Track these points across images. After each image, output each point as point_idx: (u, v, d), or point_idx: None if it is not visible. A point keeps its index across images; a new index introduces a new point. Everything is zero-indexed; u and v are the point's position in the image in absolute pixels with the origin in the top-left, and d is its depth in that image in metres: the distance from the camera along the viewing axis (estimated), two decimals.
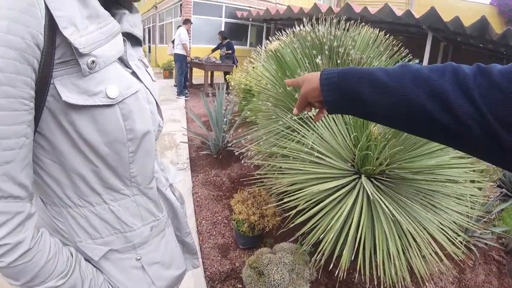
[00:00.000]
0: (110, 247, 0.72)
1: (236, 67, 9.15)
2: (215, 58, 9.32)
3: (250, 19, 12.58)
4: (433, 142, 2.07)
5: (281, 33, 3.02)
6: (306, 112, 2.11)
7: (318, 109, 0.80)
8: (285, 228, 1.95)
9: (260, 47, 4.04)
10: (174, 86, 9.17)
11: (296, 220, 1.83)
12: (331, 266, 1.79)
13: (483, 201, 2.80)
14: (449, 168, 2.04)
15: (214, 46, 9.94)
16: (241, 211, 2.44)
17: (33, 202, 0.60)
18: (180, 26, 8.32)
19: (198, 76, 10.14)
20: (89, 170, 0.64)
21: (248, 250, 2.63)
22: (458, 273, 2.60)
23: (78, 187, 0.65)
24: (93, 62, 0.57)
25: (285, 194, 1.97)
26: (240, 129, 3.78)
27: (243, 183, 3.13)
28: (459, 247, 1.87)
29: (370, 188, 1.84)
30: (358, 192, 1.90)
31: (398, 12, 7.17)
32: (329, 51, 2.40)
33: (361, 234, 1.73)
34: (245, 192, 2.62)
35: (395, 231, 1.78)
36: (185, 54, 8.17)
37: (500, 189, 3.69)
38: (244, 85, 4.54)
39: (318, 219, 1.84)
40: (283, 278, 1.90)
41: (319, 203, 1.85)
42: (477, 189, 2.22)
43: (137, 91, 0.66)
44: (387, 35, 2.83)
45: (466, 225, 2.01)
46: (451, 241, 1.84)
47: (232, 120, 4.25)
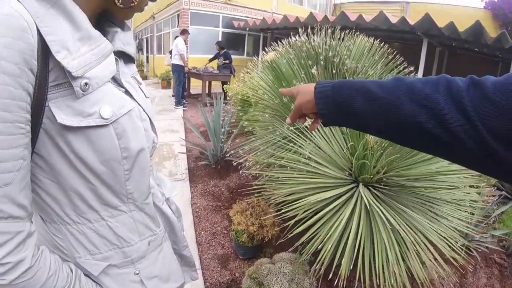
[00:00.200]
0: (109, 262, 0.72)
1: (234, 77, 9.20)
2: (213, 68, 9.37)
3: (247, 29, 12.66)
4: None
5: (277, 43, 3.05)
6: (303, 123, 2.14)
7: (313, 119, 0.81)
8: (284, 238, 1.95)
9: (257, 57, 4.07)
10: (172, 96, 9.20)
11: (295, 230, 1.83)
12: (331, 275, 1.79)
13: (482, 206, 2.81)
14: (447, 174, 2.05)
15: (212, 56, 10.01)
16: (240, 222, 2.44)
17: (33, 221, 0.61)
18: (178, 37, 8.38)
19: (196, 86, 10.18)
20: (86, 188, 0.66)
21: (248, 261, 2.62)
22: (460, 278, 2.60)
23: (76, 205, 0.66)
24: (86, 84, 0.59)
25: (284, 204, 1.98)
26: (238, 139, 3.79)
27: (242, 193, 3.13)
28: (460, 253, 1.87)
29: (368, 197, 1.85)
30: (356, 201, 1.90)
31: (393, 20, 7.23)
32: (325, 61, 2.43)
33: (360, 242, 1.74)
34: (244, 203, 2.63)
35: (394, 239, 1.79)
36: (183, 65, 8.21)
37: (500, 192, 3.70)
38: (241, 96, 4.56)
39: (317, 229, 1.84)
40: None
41: (318, 213, 1.86)
42: (476, 194, 2.22)
43: (130, 110, 0.68)
44: (382, 43, 2.85)
45: (466, 231, 2.01)
46: (451, 247, 1.84)
47: (230, 131, 4.26)
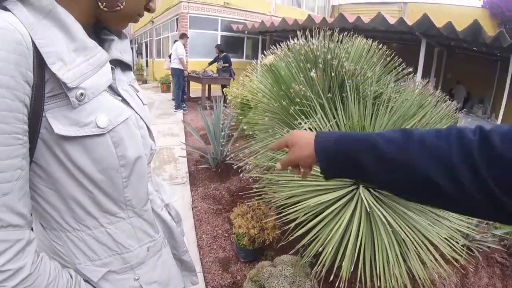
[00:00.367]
0: (109, 268, 0.73)
1: (233, 80, 9.22)
2: (212, 72, 9.39)
3: (246, 32, 12.72)
4: None
5: (276, 46, 3.06)
6: (302, 125, 2.15)
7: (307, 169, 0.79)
8: (285, 241, 1.95)
9: (256, 60, 4.08)
10: (172, 100, 9.22)
11: (296, 233, 1.84)
12: (332, 277, 1.79)
13: None
14: None
15: (211, 60, 10.04)
16: (241, 225, 2.45)
17: (33, 227, 0.62)
18: (177, 41, 8.40)
19: (196, 89, 10.20)
20: (85, 196, 0.66)
21: (249, 263, 2.62)
22: (461, 278, 2.60)
23: (75, 212, 0.67)
24: (82, 95, 0.60)
25: (284, 207, 1.99)
26: (238, 143, 3.80)
27: (242, 197, 3.14)
28: (461, 254, 1.87)
29: (368, 198, 1.86)
30: (357, 203, 1.91)
31: (391, 20, 7.25)
32: (323, 64, 2.43)
33: (361, 244, 1.74)
34: (245, 206, 2.63)
35: (394, 240, 1.79)
36: (182, 68, 8.23)
37: None
38: (241, 99, 4.57)
39: (318, 231, 1.85)
40: None
41: (318, 215, 1.87)
42: None
43: (127, 118, 0.69)
44: (381, 44, 2.85)
45: (467, 231, 2.02)
46: (452, 248, 1.84)
47: (230, 134, 4.27)
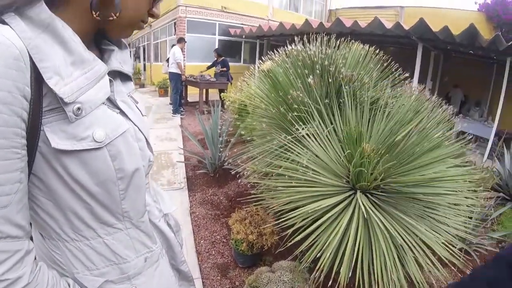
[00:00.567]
0: (106, 278, 0.73)
1: (231, 84, 9.25)
2: (210, 76, 9.41)
3: (243, 36, 12.74)
4: (427, 155, 2.11)
5: (274, 51, 3.07)
6: (300, 131, 2.16)
7: None
8: (284, 247, 1.95)
9: (254, 65, 4.09)
10: (170, 104, 9.23)
11: (294, 238, 1.84)
12: (331, 282, 1.79)
13: (481, 210, 2.83)
14: (445, 180, 2.07)
15: (209, 64, 10.07)
16: (239, 231, 2.45)
17: (33, 236, 0.63)
18: (175, 45, 8.42)
19: (193, 94, 10.22)
20: (83, 208, 0.67)
21: (248, 269, 2.62)
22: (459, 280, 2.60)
23: (73, 223, 0.68)
24: (79, 109, 0.60)
25: (282, 213, 1.99)
26: (236, 148, 3.80)
27: (241, 202, 3.14)
28: (458, 258, 1.88)
29: (366, 203, 1.86)
30: (354, 208, 1.91)
31: (388, 25, 7.27)
32: (321, 70, 2.44)
33: (359, 249, 1.75)
34: (243, 211, 2.64)
35: (392, 245, 1.80)
36: (180, 73, 8.25)
37: (497, 193, 3.72)
38: (239, 104, 4.59)
39: (316, 237, 1.85)
40: None
41: (316, 221, 1.87)
42: (475, 198, 2.24)
43: (125, 131, 0.69)
44: (378, 49, 2.87)
45: (465, 236, 2.02)
46: (450, 252, 1.85)
47: (228, 140, 4.28)
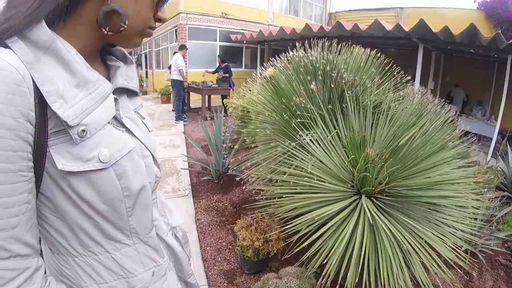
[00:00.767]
0: None
1: (233, 90, 9.29)
2: (212, 82, 9.46)
3: (244, 42, 12.80)
4: (431, 158, 2.11)
5: (275, 57, 3.08)
6: (304, 137, 2.16)
7: None
8: (290, 254, 1.96)
9: (255, 70, 4.10)
10: (172, 111, 9.27)
11: (300, 245, 1.85)
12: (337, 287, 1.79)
13: (486, 211, 2.82)
14: (449, 183, 2.07)
15: (214, 69, 10.20)
16: (245, 237, 2.45)
17: (42, 249, 0.64)
18: (176, 52, 8.48)
19: (196, 100, 10.25)
20: (90, 225, 0.68)
21: (254, 275, 2.63)
22: (466, 282, 2.60)
23: (81, 239, 0.69)
24: (84, 131, 0.61)
25: (288, 219, 1.99)
26: (240, 154, 3.81)
27: (246, 208, 3.14)
28: (464, 259, 1.88)
29: (371, 208, 1.87)
30: (360, 213, 1.91)
31: (388, 27, 7.28)
32: (323, 76, 2.46)
33: (365, 254, 1.75)
34: (248, 218, 2.64)
35: (398, 248, 1.80)
36: (182, 80, 8.29)
37: (502, 193, 3.70)
38: (242, 111, 4.60)
39: (322, 242, 1.85)
40: None
41: (322, 226, 1.87)
42: (479, 200, 2.24)
43: (131, 150, 0.70)
44: (378, 52, 2.87)
45: (470, 237, 2.02)
46: (456, 254, 1.85)
47: (232, 146, 4.29)
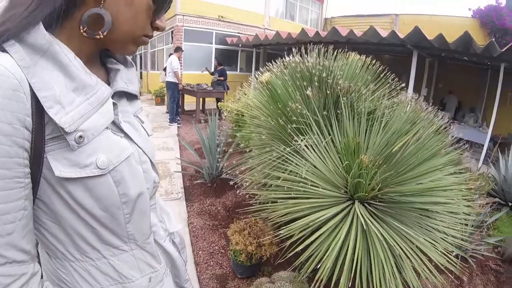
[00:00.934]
0: None
1: (226, 94, 9.32)
2: (206, 85, 9.47)
3: (240, 45, 12.84)
4: (424, 165, 2.14)
5: (271, 61, 3.09)
6: (299, 143, 2.18)
7: None
8: (283, 258, 1.96)
9: (250, 74, 4.11)
10: (166, 113, 9.26)
11: (294, 249, 1.85)
12: None
13: (476, 217, 2.86)
14: (441, 190, 2.10)
15: (212, 71, 10.31)
16: (238, 242, 2.45)
17: (39, 252, 0.64)
18: (172, 54, 8.47)
19: (190, 102, 10.25)
20: (87, 230, 0.67)
21: (247, 279, 2.62)
22: (457, 286, 2.63)
23: (78, 245, 0.68)
24: (81, 137, 0.60)
25: (282, 224, 2.00)
26: (234, 158, 3.81)
27: (239, 212, 3.14)
28: (455, 264, 1.90)
29: (364, 214, 1.88)
30: (353, 218, 1.93)
31: (383, 33, 7.35)
32: (319, 82, 2.47)
33: (357, 259, 1.76)
34: (242, 222, 2.64)
35: (390, 253, 1.82)
36: (177, 82, 8.28)
37: (493, 199, 3.75)
38: (235, 114, 4.60)
39: (315, 247, 1.86)
40: None
41: (316, 231, 1.88)
42: (470, 206, 2.27)
43: (129, 156, 0.69)
44: (373, 59, 2.90)
45: (462, 243, 2.05)
46: (447, 259, 1.87)
47: (226, 150, 4.28)
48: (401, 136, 2.17)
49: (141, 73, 19.44)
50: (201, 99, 9.58)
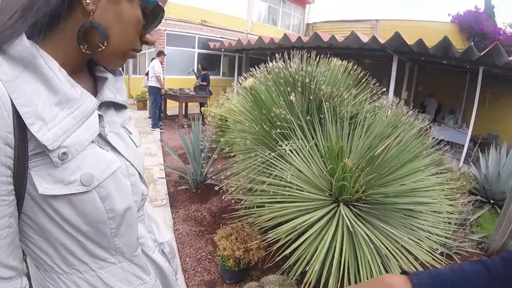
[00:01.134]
0: None
1: (209, 99, 9.31)
2: (189, 89, 9.43)
3: (223, 50, 12.85)
4: (406, 166, 2.19)
5: (253, 66, 3.10)
6: (283, 147, 2.20)
7: None
8: (271, 262, 1.97)
9: (233, 78, 4.12)
10: (149, 118, 9.16)
11: (281, 253, 1.87)
12: None
13: (459, 216, 2.94)
14: (425, 190, 2.15)
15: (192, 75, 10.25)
16: (226, 247, 2.45)
17: (28, 263, 0.63)
18: (154, 59, 8.40)
19: (173, 107, 10.18)
20: (74, 244, 0.66)
21: (235, 284, 2.62)
22: None
23: (66, 258, 0.67)
24: (64, 154, 0.58)
25: (269, 228, 2.01)
26: (218, 163, 3.80)
27: (225, 218, 3.14)
28: (440, 261, 1.95)
29: (349, 215, 1.92)
30: (338, 220, 1.96)
31: (364, 39, 7.47)
32: (302, 87, 2.51)
33: (345, 260, 1.79)
34: (228, 228, 2.64)
35: (376, 254, 1.85)
36: (159, 86, 8.22)
37: (475, 197, 3.87)
38: (219, 119, 4.60)
39: (303, 250, 1.88)
40: None
41: (303, 234, 1.91)
42: (453, 205, 2.33)
43: (115, 170, 0.67)
44: (354, 64, 2.95)
45: (446, 241, 2.11)
46: (432, 257, 1.92)
47: (210, 155, 4.27)
48: (383, 140, 2.22)
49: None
50: (184, 104, 9.53)
